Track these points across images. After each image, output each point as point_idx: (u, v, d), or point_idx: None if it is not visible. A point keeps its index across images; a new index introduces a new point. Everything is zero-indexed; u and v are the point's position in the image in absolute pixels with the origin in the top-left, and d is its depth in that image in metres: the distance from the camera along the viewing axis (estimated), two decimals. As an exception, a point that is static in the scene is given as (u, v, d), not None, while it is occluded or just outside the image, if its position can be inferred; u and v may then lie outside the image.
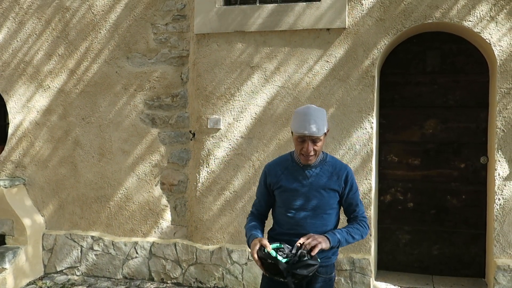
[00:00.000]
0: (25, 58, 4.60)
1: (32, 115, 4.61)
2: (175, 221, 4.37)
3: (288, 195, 2.24)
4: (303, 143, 2.16)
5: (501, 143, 3.69)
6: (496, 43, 3.65)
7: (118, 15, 4.37)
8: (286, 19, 3.92)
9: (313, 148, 2.16)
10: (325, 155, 2.30)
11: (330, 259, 2.26)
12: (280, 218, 2.28)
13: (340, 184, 2.24)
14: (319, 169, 2.25)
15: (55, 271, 4.57)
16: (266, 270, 2.05)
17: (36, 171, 4.63)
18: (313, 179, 2.23)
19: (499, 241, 3.71)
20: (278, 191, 2.28)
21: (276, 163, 2.35)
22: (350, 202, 2.29)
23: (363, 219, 2.29)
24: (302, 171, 2.25)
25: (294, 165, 2.28)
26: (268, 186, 2.33)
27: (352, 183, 2.28)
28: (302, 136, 2.15)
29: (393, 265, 4.24)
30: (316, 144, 2.16)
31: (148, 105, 4.37)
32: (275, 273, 2.02)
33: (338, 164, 2.29)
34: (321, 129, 2.14)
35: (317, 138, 2.15)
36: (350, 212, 2.31)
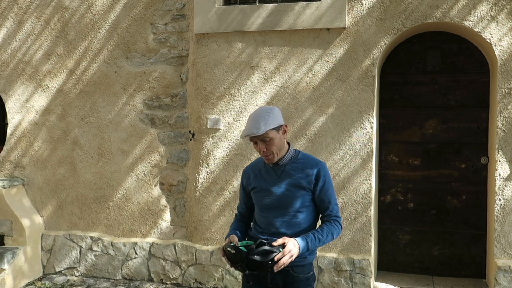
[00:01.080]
0: (24, 58, 4.58)
1: (31, 115, 4.60)
2: (174, 222, 4.35)
3: (260, 195, 2.27)
4: (256, 145, 2.18)
5: (501, 143, 3.68)
6: (497, 43, 3.64)
7: (117, 15, 4.36)
8: (286, 19, 3.91)
9: (265, 148, 2.15)
10: (297, 153, 2.28)
11: (306, 258, 2.24)
12: (257, 219, 2.32)
13: (311, 181, 2.19)
14: (289, 167, 2.24)
15: (54, 271, 4.55)
16: (229, 260, 2.06)
17: (35, 171, 4.61)
18: (283, 178, 2.22)
19: (500, 241, 3.69)
20: (252, 193, 2.32)
21: (251, 166, 2.40)
22: (322, 199, 2.22)
23: (336, 219, 2.22)
24: (273, 171, 2.26)
25: (265, 166, 2.31)
26: (245, 188, 2.38)
27: (325, 180, 2.21)
28: (252, 138, 2.16)
29: (393, 266, 4.22)
30: (267, 142, 2.15)
31: (147, 105, 4.35)
32: (235, 262, 2.02)
33: (310, 161, 2.25)
34: (261, 128, 2.09)
35: (263, 137, 2.12)
36: (323, 210, 2.24)
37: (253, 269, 2.02)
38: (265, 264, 1.99)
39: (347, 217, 3.89)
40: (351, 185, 3.88)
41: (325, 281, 3.90)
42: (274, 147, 2.16)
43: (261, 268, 2.01)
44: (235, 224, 2.40)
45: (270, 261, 1.99)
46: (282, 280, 2.22)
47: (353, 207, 3.88)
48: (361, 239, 3.87)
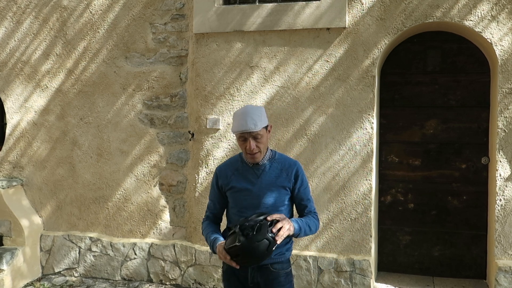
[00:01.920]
0: (22, 57, 4.57)
1: (30, 115, 4.58)
2: (174, 222, 4.34)
3: (240, 195, 2.26)
4: (245, 142, 2.19)
5: (502, 143, 3.67)
6: (497, 43, 3.63)
7: (116, 14, 4.34)
8: (286, 19, 3.90)
9: (256, 145, 2.18)
10: (273, 153, 2.34)
11: (284, 255, 2.29)
12: (234, 219, 2.30)
13: (290, 180, 2.26)
14: (268, 167, 2.28)
15: (53, 272, 4.54)
16: (232, 256, 2.02)
17: (34, 172, 4.60)
18: (263, 178, 2.25)
19: (500, 242, 3.68)
20: (229, 192, 2.31)
21: (226, 164, 2.38)
22: (301, 198, 2.30)
23: (315, 215, 2.31)
24: (252, 170, 2.28)
25: (243, 165, 2.31)
26: (220, 188, 2.35)
27: (303, 179, 2.30)
28: (243, 135, 2.18)
29: (394, 267, 4.21)
30: (258, 140, 2.19)
31: (146, 105, 4.34)
32: (236, 255, 2.00)
33: (287, 161, 2.32)
34: (257, 124, 2.16)
35: (256, 134, 2.17)
36: (302, 208, 2.32)
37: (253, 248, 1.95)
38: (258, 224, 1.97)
39: (347, 218, 3.88)
40: (351, 185, 3.86)
41: (325, 282, 3.89)
42: (262, 145, 2.22)
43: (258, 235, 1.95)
44: (211, 227, 2.33)
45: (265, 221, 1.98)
46: (262, 278, 2.24)
47: (353, 207, 3.86)
48: (361, 239, 3.86)
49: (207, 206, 2.43)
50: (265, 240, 1.97)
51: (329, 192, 3.90)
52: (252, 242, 1.96)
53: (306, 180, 2.32)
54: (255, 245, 1.96)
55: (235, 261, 2.03)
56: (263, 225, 1.98)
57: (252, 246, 1.96)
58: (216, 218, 2.41)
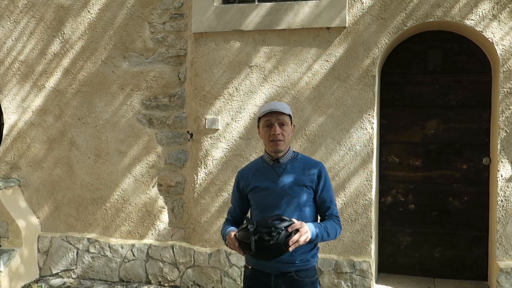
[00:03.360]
0: (19, 57, 4.53)
1: (27, 115, 4.55)
2: (172, 223, 4.31)
3: (261, 195, 2.21)
4: (271, 128, 2.17)
5: (503, 143, 3.64)
6: (499, 42, 3.60)
7: (114, 14, 4.31)
8: (285, 18, 3.87)
9: (281, 132, 2.15)
10: (296, 154, 2.29)
11: (309, 261, 2.19)
12: None
13: (313, 180, 2.19)
14: (290, 166, 2.22)
15: (51, 273, 4.50)
16: (241, 247, 2.01)
17: (31, 172, 4.56)
18: (285, 176, 2.20)
19: (502, 243, 3.66)
20: (251, 194, 2.26)
21: (248, 167, 2.35)
22: (324, 199, 2.22)
23: (337, 219, 2.22)
24: (273, 169, 2.23)
25: (264, 165, 2.27)
26: (241, 191, 2.32)
27: (326, 180, 2.23)
28: (269, 117, 2.16)
29: (394, 268, 4.18)
30: (282, 128, 2.17)
31: (145, 105, 4.31)
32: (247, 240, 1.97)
33: (310, 161, 2.27)
34: (285, 108, 2.18)
35: (283, 120, 2.16)
36: (324, 210, 2.24)
37: (263, 248, 1.92)
38: (277, 233, 1.92)
39: (347, 219, 3.85)
40: (351, 186, 3.83)
41: (325, 283, 3.85)
42: (286, 134, 2.18)
43: (273, 242, 1.91)
44: (229, 225, 2.30)
45: (284, 230, 1.92)
46: (286, 287, 2.15)
47: (353, 208, 3.84)
48: (361, 240, 3.83)
49: (228, 210, 2.40)
50: (278, 249, 1.94)
51: (329, 193, 3.87)
52: (264, 246, 1.93)
53: (329, 182, 2.25)
54: (268, 249, 1.94)
55: (243, 251, 2.01)
56: (281, 235, 1.94)
57: (263, 249, 1.94)
58: (236, 221, 2.36)
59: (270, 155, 2.24)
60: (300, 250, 2.10)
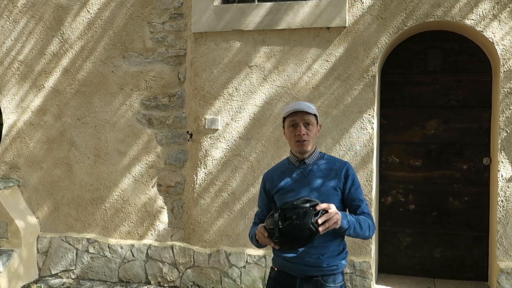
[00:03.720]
0: (18, 56, 4.52)
1: (26, 115, 4.53)
2: (172, 223, 4.29)
3: (287, 196, 2.15)
4: (296, 128, 2.13)
5: (504, 143, 3.63)
6: (499, 42, 3.59)
7: (114, 13, 4.30)
8: (285, 18, 3.86)
9: (306, 132, 2.11)
10: (322, 154, 2.24)
11: (337, 266, 2.11)
12: None
13: (340, 180, 2.13)
14: (316, 167, 2.17)
15: (50, 274, 4.49)
16: (270, 236, 1.92)
17: (31, 172, 4.55)
18: (311, 177, 2.15)
19: (502, 243, 3.64)
20: (277, 195, 2.20)
21: (273, 169, 2.31)
22: (353, 198, 2.15)
23: (369, 216, 2.13)
24: (299, 170, 2.18)
25: (290, 166, 2.22)
26: (268, 193, 2.26)
27: (354, 179, 2.16)
28: (294, 117, 2.12)
29: (394, 268, 4.17)
30: (308, 128, 2.13)
31: (144, 105, 4.30)
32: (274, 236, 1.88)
33: (336, 161, 2.21)
34: (311, 108, 2.15)
35: (308, 119, 2.12)
36: (354, 209, 2.15)
37: (290, 231, 1.82)
38: (303, 212, 1.81)
39: (347, 219, 3.83)
40: (351, 186, 3.81)
41: (325, 284, 3.84)
42: (312, 134, 2.14)
43: (300, 222, 1.81)
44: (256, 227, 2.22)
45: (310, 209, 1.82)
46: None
47: (353, 208, 3.82)
48: (361, 241, 3.81)
49: (256, 213, 2.33)
50: (307, 230, 1.83)
51: (329, 193, 3.86)
52: (293, 228, 1.83)
53: (358, 181, 2.18)
54: (296, 231, 1.83)
55: (273, 242, 1.92)
56: (308, 213, 1.83)
57: (293, 232, 1.84)
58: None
59: (296, 156, 2.18)
60: (327, 254, 2.04)
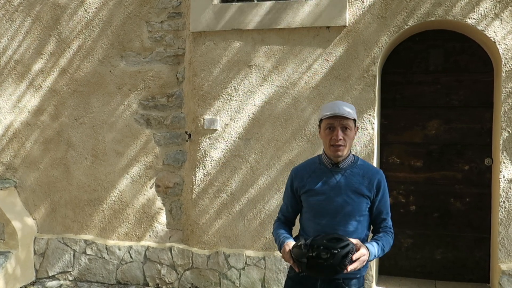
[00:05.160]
0: (15, 56, 4.48)
1: (23, 115, 4.50)
2: (170, 225, 4.26)
3: (316, 199, 2.10)
4: (333, 131, 2.05)
5: (506, 144, 3.60)
6: (501, 41, 3.56)
7: (111, 12, 4.26)
8: (285, 17, 3.82)
9: (343, 136, 2.04)
10: (356, 158, 2.17)
11: (359, 270, 2.08)
12: (307, 225, 2.14)
13: (372, 189, 2.09)
14: (349, 172, 2.11)
15: (47, 276, 4.45)
16: (296, 264, 1.96)
17: (27, 173, 4.51)
18: (343, 182, 2.09)
19: (504, 245, 3.61)
20: (305, 196, 2.15)
21: (303, 166, 2.23)
22: (381, 211, 2.13)
23: (391, 231, 2.14)
24: (331, 173, 2.11)
25: (322, 167, 2.15)
26: (295, 190, 2.20)
27: (385, 190, 2.13)
28: (332, 121, 2.04)
29: (395, 270, 4.14)
30: (345, 132, 2.05)
31: (142, 105, 4.26)
32: (300, 258, 1.93)
33: (370, 168, 2.15)
34: (351, 112, 2.07)
35: (346, 123, 2.04)
36: (380, 222, 2.14)
37: (317, 267, 1.88)
38: (331, 253, 1.85)
39: (347, 220, 3.80)
40: (352, 187, 3.78)
41: (325, 286, 3.81)
42: (349, 140, 2.08)
43: (327, 264, 1.86)
44: (282, 228, 2.20)
45: (341, 249, 1.86)
46: None
47: (353, 210, 3.79)
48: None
49: (280, 208, 2.30)
50: (332, 270, 1.89)
51: (329, 194, 3.82)
52: (317, 266, 1.89)
53: (387, 193, 2.15)
54: (320, 269, 1.90)
55: (298, 267, 1.95)
56: (335, 256, 1.86)
57: (317, 269, 1.90)
58: (288, 221, 2.26)
59: (330, 158, 2.13)
60: None
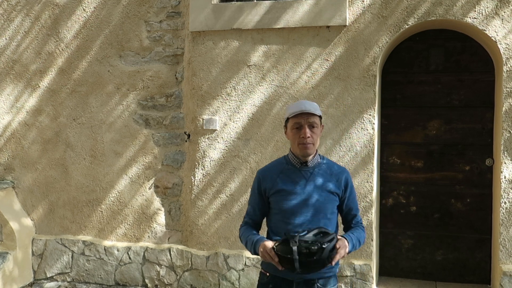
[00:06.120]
0: (13, 56, 4.46)
1: (21, 115, 4.47)
2: (169, 226, 4.24)
3: (286, 199, 2.10)
4: (300, 130, 2.07)
5: (507, 144, 3.58)
6: (502, 41, 3.54)
7: (110, 12, 4.24)
8: (284, 16, 3.80)
9: (310, 135, 2.06)
10: (322, 157, 2.21)
11: (333, 269, 2.12)
12: (277, 226, 2.13)
13: (340, 187, 2.14)
14: (318, 170, 2.14)
15: (45, 277, 4.42)
16: (281, 262, 1.94)
17: (25, 174, 4.48)
18: (312, 180, 2.11)
19: (505, 246, 3.59)
20: (274, 197, 2.14)
21: (270, 167, 2.22)
22: (351, 207, 2.19)
23: (362, 226, 2.20)
24: (300, 172, 2.13)
25: (290, 167, 2.15)
26: (262, 192, 2.18)
27: (352, 187, 2.20)
28: (299, 120, 2.07)
29: (395, 271, 4.12)
30: (312, 130, 2.08)
31: (141, 105, 4.24)
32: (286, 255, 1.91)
33: (336, 166, 2.20)
34: (316, 109, 2.10)
35: (313, 121, 2.08)
36: (351, 218, 2.20)
37: (307, 264, 1.87)
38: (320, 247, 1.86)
39: (347, 221, 3.78)
40: (352, 187, 3.76)
41: (325, 287, 3.79)
42: (316, 137, 2.10)
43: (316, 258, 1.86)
44: (251, 230, 2.17)
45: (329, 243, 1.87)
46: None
47: (353, 210, 3.76)
48: (362, 243, 3.76)
49: (246, 211, 2.27)
50: (321, 264, 1.91)
51: (329, 195, 3.80)
52: (307, 262, 1.88)
53: (354, 189, 2.23)
54: (310, 265, 1.89)
55: (281, 265, 1.94)
56: (325, 250, 1.88)
57: (306, 265, 1.89)
58: (256, 224, 2.24)
59: (298, 157, 2.13)
60: None
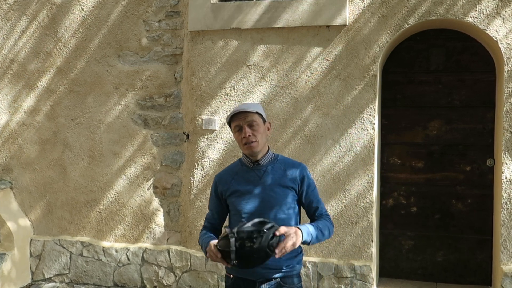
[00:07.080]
0: (10, 55, 4.44)
1: (19, 115, 4.45)
2: (168, 226, 4.21)
3: (242, 199, 2.13)
4: (241, 131, 2.09)
5: (508, 144, 3.56)
6: (503, 40, 3.52)
7: (108, 11, 4.22)
8: (284, 16, 3.78)
9: (251, 133, 2.07)
10: (276, 155, 2.23)
11: (294, 268, 2.13)
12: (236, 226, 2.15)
13: (295, 181, 2.14)
14: (271, 168, 2.16)
15: (43, 278, 4.40)
16: (224, 257, 1.90)
17: (23, 174, 4.46)
18: (265, 178, 2.13)
19: (506, 247, 3.57)
20: (231, 198, 2.17)
21: (226, 171, 2.27)
22: (311, 200, 2.18)
23: (327, 217, 2.17)
24: (253, 171, 2.16)
25: (243, 168, 2.19)
26: (220, 195, 2.22)
27: (309, 180, 2.18)
28: (238, 122, 2.09)
29: (396, 272, 4.10)
30: (253, 128, 2.08)
31: (140, 105, 4.22)
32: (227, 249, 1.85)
33: (290, 162, 2.22)
34: (251, 107, 2.11)
35: (251, 120, 2.08)
36: (314, 211, 2.18)
37: (247, 254, 1.81)
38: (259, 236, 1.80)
39: (347, 222, 3.76)
40: (352, 188, 3.74)
41: (325, 289, 3.77)
42: (259, 134, 2.10)
43: (256, 246, 1.79)
44: (208, 235, 2.16)
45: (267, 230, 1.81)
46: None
47: (353, 211, 3.74)
48: (362, 244, 3.74)
49: (206, 216, 2.29)
50: (263, 253, 1.83)
51: (329, 195, 3.79)
52: (247, 252, 1.82)
53: (313, 182, 2.21)
54: (253, 255, 1.83)
55: (227, 262, 1.90)
56: (264, 237, 1.82)
57: (250, 256, 1.83)
58: (214, 228, 2.25)
59: (249, 157, 2.17)
60: (286, 255, 2.01)
